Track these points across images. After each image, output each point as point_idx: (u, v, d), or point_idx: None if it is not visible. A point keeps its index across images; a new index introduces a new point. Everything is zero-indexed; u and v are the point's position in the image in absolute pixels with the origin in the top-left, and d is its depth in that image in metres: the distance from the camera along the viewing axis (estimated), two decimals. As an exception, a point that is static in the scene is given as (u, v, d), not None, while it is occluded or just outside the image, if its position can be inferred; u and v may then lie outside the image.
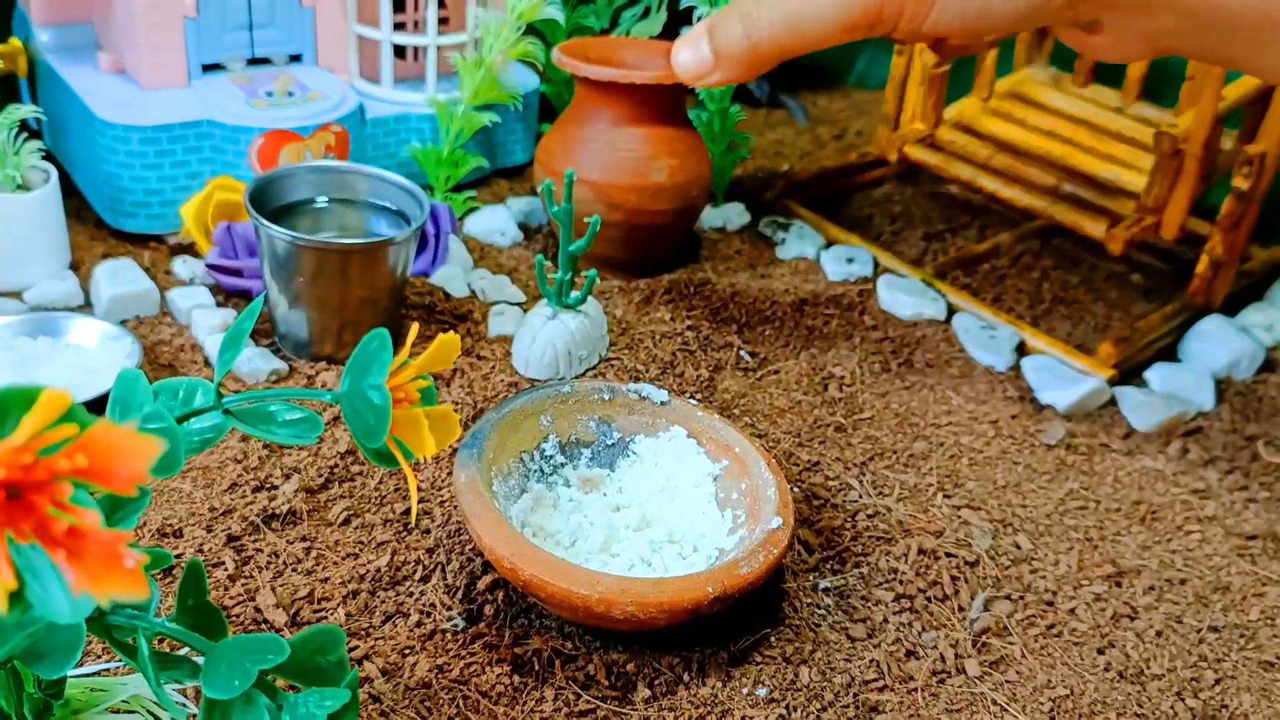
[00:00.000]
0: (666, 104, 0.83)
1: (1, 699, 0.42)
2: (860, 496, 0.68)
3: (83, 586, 0.27)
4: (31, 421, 0.27)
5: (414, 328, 0.42)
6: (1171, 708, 0.56)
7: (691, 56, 0.59)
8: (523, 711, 0.52)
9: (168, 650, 0.44)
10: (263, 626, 0.55)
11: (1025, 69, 1.04)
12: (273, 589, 0.57)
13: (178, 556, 0.58)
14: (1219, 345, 0.85)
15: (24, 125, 0.79)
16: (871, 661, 0.57)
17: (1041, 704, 0.56)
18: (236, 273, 0.77)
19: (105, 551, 0.27)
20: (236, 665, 0.38)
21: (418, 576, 0.59)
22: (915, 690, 0.56)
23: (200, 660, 0.40)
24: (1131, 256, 0.99)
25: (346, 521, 0.62)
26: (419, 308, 0.80)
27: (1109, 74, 1.01)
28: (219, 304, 0.77)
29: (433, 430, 0.40)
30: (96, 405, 0.65)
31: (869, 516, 0.66)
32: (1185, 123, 0.79)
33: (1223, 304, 0.90)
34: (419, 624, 0.56)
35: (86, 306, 0.77)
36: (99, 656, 0.52)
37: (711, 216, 0.96)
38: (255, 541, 0.60)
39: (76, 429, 0.27)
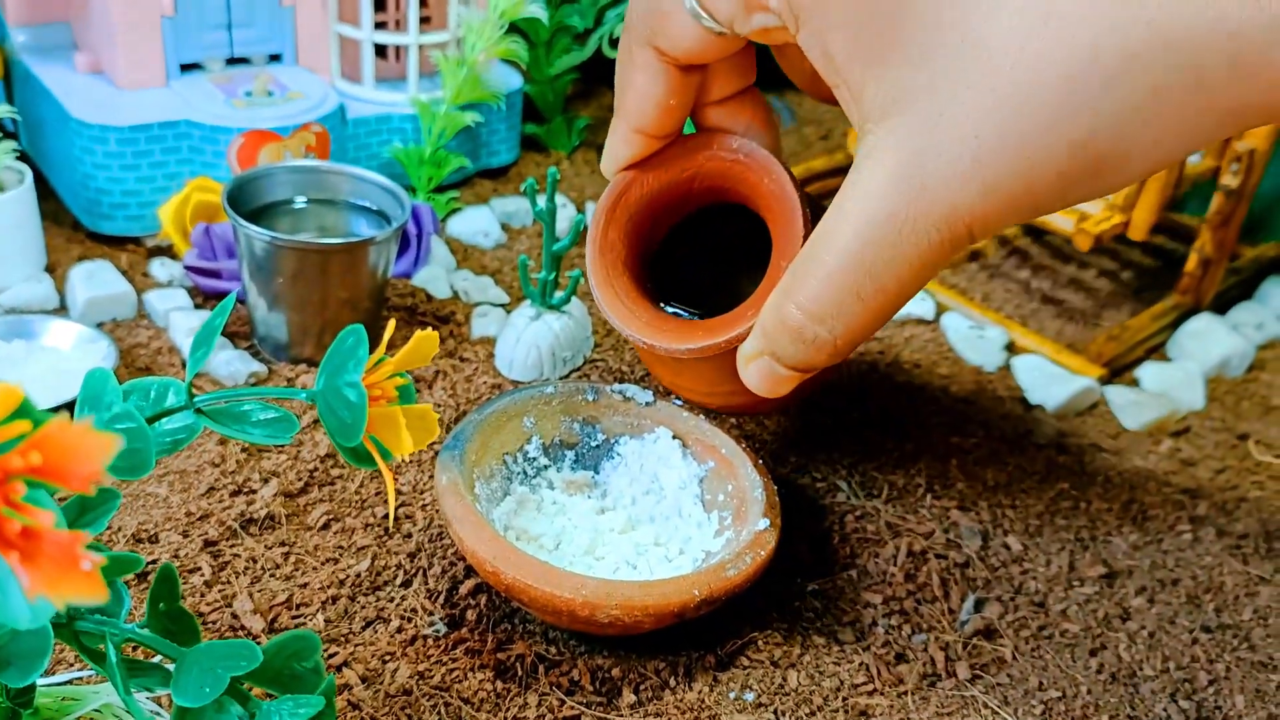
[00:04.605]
0: None
1: (-32, 708, 0.41)
2: (848, 498, 0.67)
3: (38, 590, 0.26)
4: (-18, 419, 0.26)
5: (390, 324, 0.41)
6: (1164, 709, 0.56)
7: (769, 382, 0.52)
8: (506, 717, 0.51)
9: (140, 658, 0.42)
10: (240, 633, 0.54)
11: None
12: (250, 595, 0.56)
13: (153, 562, 0.57)
14: (1209, 344, 0.84)
15: (0, 126, 0.78)
16: (861, 665, 0.56)
17: (1033, 707, 0.55)
18: (215, 274, 0.76)
19: (61, 553, 0.26)
20: (208, 672, 0.37)
21: (399, 581, 0.58)
22: (905, 694, 0.55)
23: (173, 667, 0.39)
24: (1121, 255, 0.99)
25: (326, 526, 0.61)
26: (401, 309, 0.78)
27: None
28: (197, 306, 0.76)
29: (410, 429, 0.39)
30: (72, 408, 0.64)
31: (857, 518, 0.66)
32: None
33: (1212, 302, 0.89)
34: (400, 629, 0.55)
35: (62, 309, 0.75)
36: (71, 665, 0.51)
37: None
38: (233, 547, 0.59)
39: (30, 426, 0.26)
